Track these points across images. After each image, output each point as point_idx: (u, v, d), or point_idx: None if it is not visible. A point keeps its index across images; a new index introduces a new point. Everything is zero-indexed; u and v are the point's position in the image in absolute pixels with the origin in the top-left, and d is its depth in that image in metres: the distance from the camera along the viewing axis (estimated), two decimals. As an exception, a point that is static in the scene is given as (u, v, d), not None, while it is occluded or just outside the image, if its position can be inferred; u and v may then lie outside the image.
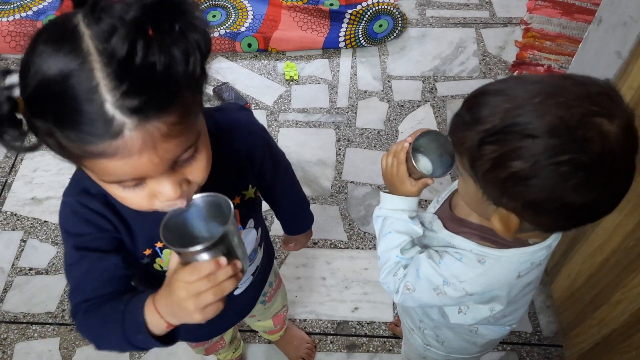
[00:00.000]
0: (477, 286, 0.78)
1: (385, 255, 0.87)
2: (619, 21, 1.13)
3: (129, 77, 0.48)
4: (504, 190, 0.64)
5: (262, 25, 2.29)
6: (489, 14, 2.39)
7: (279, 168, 0.95)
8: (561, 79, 0.63)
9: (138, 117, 0.49)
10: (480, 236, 0.78)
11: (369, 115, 2.06)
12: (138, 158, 0.52)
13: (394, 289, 0.86)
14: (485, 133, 0.62)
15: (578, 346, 1.32)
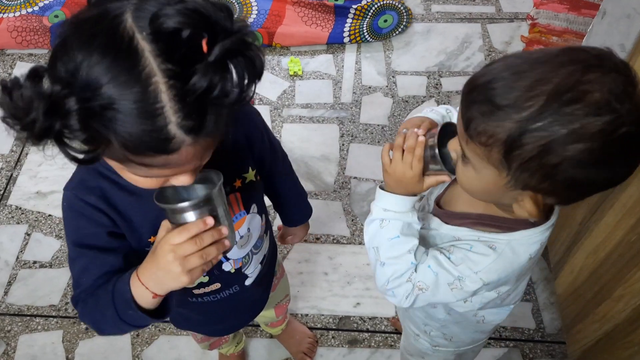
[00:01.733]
0: (493, 273, 0.75)
1: (395, 261, 0.79)
2: (622, 13, 1.12)
3: (193, 102, 0.51)
4: (549, 176, 0.60)
5: (267, 20, 2.29)
6: (495, 9, 2.37)
7: (277, 155, 0.96)
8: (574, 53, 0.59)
9: (195, 136, 0.53)
10: (483, 224, 0.77)
11: (373, 111, 2.05)
12: (185, 167, 0.59)
13: (405, 294, 0.80)
14: (526, 121, 0.57)
15: (581, 342, 1.31)
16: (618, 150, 0.58)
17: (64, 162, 0.68)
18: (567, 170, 0.59)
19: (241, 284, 0.94)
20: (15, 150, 1.98)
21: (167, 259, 0.62)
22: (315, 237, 1.73)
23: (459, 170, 0.71)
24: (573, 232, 1.34)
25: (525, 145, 0.58)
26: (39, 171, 1.92)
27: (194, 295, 0.90)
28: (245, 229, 0.86)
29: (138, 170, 0.58)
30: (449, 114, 0.88)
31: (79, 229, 0.72)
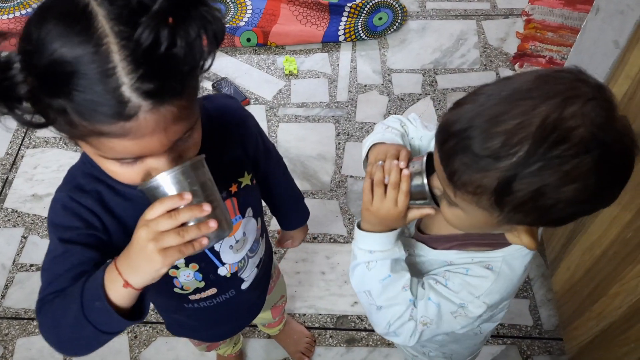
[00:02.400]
0: (496, 294, 0.72)
1: (392, 302, 0.75)
2: (616, 10, 1.12)
3: (147, 62, 0.49)
4: (544, 215, 0.59)
5: (261, 19, 2.28)
6: (489, 6, 2.36)
7: (272, 157, 0.95)
8: (548, 84, 0.56)
9: (153, 100, 0.51)
10: (473, 243, 0.74)
11: (369, 109, 2.05)
12: (149, 139, 0.54)
13: (409, 333, 0.76)
14: (513, 170, 0.55)
15: (578, 339, 1.32)
16: (611, 180, 0.57)
17: (60, 165, 0.69)
18: (563, 210, 0.57)
19: (237, 288, 0.94)
20: (11, 153, 1.98)
21: (140, 236, 0.57)
22: (312, 236, 1.73)
23: (445, 209, 0.67)
24: (569, 229, 1.34)
25: (516, 192, 0.56)
26: (34, 174, 1.92)
27: (189, 301, 0.90)
28: (240, 233, 0.86)
29: (106, 151, 0.55)
30: (404, 127, 0.85)
31: (71, 225, 0.69)
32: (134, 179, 0.61)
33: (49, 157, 1.95)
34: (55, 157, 1.95)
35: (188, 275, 0.84)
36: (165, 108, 0.52)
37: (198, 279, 0.85)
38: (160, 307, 1.02)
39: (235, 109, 0.84)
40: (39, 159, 1.95)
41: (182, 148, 0.61)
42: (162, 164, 0.59)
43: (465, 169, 0.58)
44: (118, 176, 0.61)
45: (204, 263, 0.84)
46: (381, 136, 0.81)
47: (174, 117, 0.54)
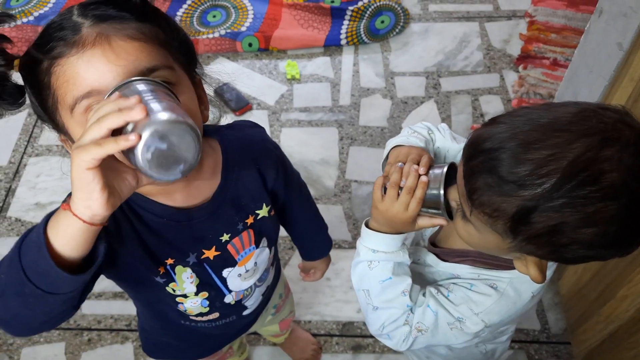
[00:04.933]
0: (495, 315, 0.71)
1: (389, 305, 0.74)
2: (619, 12, 1.11)
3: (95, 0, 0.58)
4: (557, 252, 0.58)
5: (263, 24, 2.28)
6: (492, 7, 2.36)
7: (293, 187, 0.91)
8: (590, 120, 0.54)
9: (95, 18, 0.57)
10: (483, 262, 0.73)
11: (372, 113, 2.04)
12: (91, 49, 0.55)
13: (402, 337, 0.75)
14: (536, 201, 0.54)
15: (586, 343, 1.30)
16: (635, 231, 0.55)
17: (63, 173, 0.67)
18: (577, 250, 0.57)
19: (239, 314, 0.93)
20: (14, 162, 1.98)
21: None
22: (317, 242, 1.72)
23: (459, 223, 0.66)
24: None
25: (534, 224, 0.55)
26: (37, 182, 1.92)
27: (189, 319, 0.88)
28: (252, 263, 0.84)
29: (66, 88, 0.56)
30: (431, 135, 0.84)
31: None
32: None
33: (52, 165, 1.95)
34: (58, 165, 1.95)
35: (195, 302, 0.83)
36: (107, 24, 0.56)
37: (204, 306, 0.85)
38: (149, 329, 0.99)
39: (258, 142, 0.82)
40: (42, 168, 1.96)
41: None
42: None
43: (487, 189, 0.57)
44: None
45: (213, 291, 0.83)
46: (405, 139, 0.79)
47: (120, 33, 0.56)
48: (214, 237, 0.77)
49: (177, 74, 0.61)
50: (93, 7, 0.58)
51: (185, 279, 0.78)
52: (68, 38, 0.55)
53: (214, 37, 2.23)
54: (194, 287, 0.80)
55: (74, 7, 0.59)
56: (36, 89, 0.59)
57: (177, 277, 0.77)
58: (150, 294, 0.82)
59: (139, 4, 0.60)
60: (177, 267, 0.76)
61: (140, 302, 0.91)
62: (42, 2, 2.44)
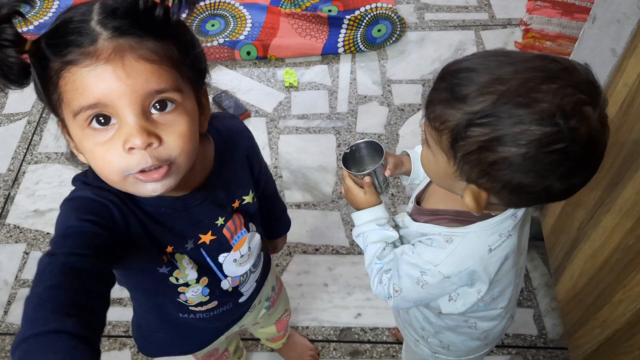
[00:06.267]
0: (450, 266, 0.77)
1: (370, 268, 0.90)
2: (612, 18, 1.12)
3: (116, 7, 0.57)
4: (486, 172, 0.63)
5: (261, 33, 2.30)
6: (488, 16, 2.38)
7: (268, 176, 0.98)
8: (545, 61, 0.61)
9: (114, 31, 0.56)
10: (449, 219, 0.79)
11: (370, 120, 2.06)
12: (104, 64, 0.56)
13: (386, 294, 0.87)
14: (474, 115, 0.60)
15: (582, 348, 1.31)
16: (550, 163, 0.60)
17: (61, 180, 0.69)
18: (501, 170, 0.61)
19: (235, 301, 0.94)
20: (13, 169, 1.98)
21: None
22: (315, 248, 1.73)
23: (423, 152, 0.75)
24: (571, 237, 1.34)
25: (468, 138, 0.61)
26: (36, 189, 1.92)
27: (187, 311, 0.90)
28: (246, 247, 0.87)
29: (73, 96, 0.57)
30: None
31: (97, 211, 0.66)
32: (116, 160, 0.59)
33: (51, 172, 1.96)
34: (57, 172, 1.96)
35: (196, 291, 0.84)
36: (125, 40, 0.56)
37: (204, 294, 0.86)
38: (145, 324, 1.00)
39: (243, 130, 0.87)
40: (41, 175, 1.96)
41: (160, 126, 0.60)
42: (132, 125, 0.57)
43: (440, 103, 0.64)
44: (102, 161, 0.60)
45: (210, 276, 0.84)
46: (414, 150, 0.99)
47: (134, 52, 0.56)
48: (209, 222, 0.80)
49: (184, 94, 0.62)
50: (115, 16, 0.57)
51: (186, 265, 0.79)
52: (84, 46, 0.56)
53: (212, 46, 2.25)
54: (195, 273, 0.81)
55: (95, 9, 0.58)
56: (43, 80, 0.60)
57: (179, 264, 0.79)
58: (152, 286, 0.83)
59: (161, 20, 0.59)
60: (176, 255, 0.78)
61: (140, 294, 0.92)
62: (42, 12, 2.45)
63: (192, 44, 0.65)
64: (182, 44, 0.62)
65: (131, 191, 0.64)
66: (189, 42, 0.64)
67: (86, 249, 0.60)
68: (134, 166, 0.60)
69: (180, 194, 0.75)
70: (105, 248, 0.64)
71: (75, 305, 0.53)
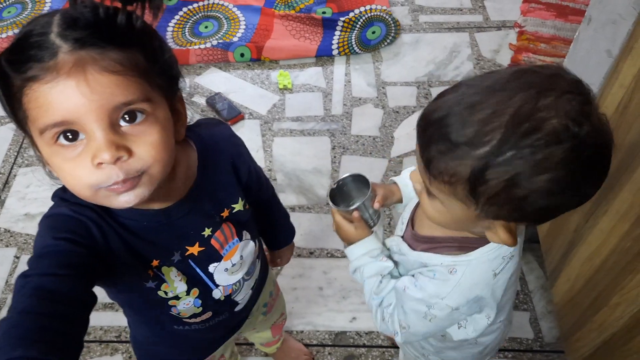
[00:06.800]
0: (458, 297, 0.75)
1: (369, 304, 0.88)
2: (608, 19, 1.12)
3: (77, 17, 0.55)
4: (518, 207, 0.59)
5: (255, 34, 2.29)
6: (482, 18, 2.38)
7: (262, 183, 0.94)
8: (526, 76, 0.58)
9: (75, 43, 0.54)
10: (448, 247, 0.76)
11: (364, 122, 2.05)
12: (66, 80, 0.53)
13: (392, 331, 0.85)
14: (486, 157, 0.55)
15: (579, 351, 1.30)
16: (584, 174, 0.57)
17: (52, 184, 0.67)
18: (536, 201, 0.58)
19: (231, 310, 0.92)
20: (3, 172, 1.96)
21: None
22: (309, 251, 1.72)
23: (426, 203, 0.69)
24: (567, 239, 1.33)
25: (489, 181, 0.57)
26: (27, 193, 1.90)
27: (182, 323, 0.88)
28: (237, 256, 0.84)
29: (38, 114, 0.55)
30: None
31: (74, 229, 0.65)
32: (86, 176, 0.57)
33: (42, 176, 1.92)
34: (49, 175, 1.93)
35: (188, 303, 0.82)
36: (86, 52, 0.54)
37: (197, 305, 0.84)
38: (142, 339, 0.98)
39: (229, 137, 0.84)
40: (32, 178, 1.94)
41: (131, 139, 0.58)
42: (99, 139, 0.55)
43: (441, 156, 0.59)
44: (71, 177, 0.59)
45: (201, 287, 0.82)
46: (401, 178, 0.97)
47: (97, 65, 0.54)
48: (195, 233, 0.77)
49: (154, 103, 0.60)
50: (75, 27, 0.55)
51: (174, 278, 0.77)
52: (44, 61, 0.53)
53: (205, 48, 2.23)
54: (185, 285, 0.79)
55: (55, 21, 0.55)
56: (7, 97, 0.58)
57: (166, 277, 0.76)
58: (142, 302, 0.82)
59: (123, 27, 0.57)
60: (163, 268, 0.76)
61: (132, 311, 0.90)
62: (34, 14, 2.43)
63: (161, 49, 0.62)
64: (149, 51, 0.60)
65: (105, 204, 0.62)
66: (157, 48, 0.62)
67: (62, 268, 0.59)
68: (104, 181, 0.58)
69: (162, 206, 0.72)
70: (83, 266, 0.62)
71: (45, 330, 0.52)
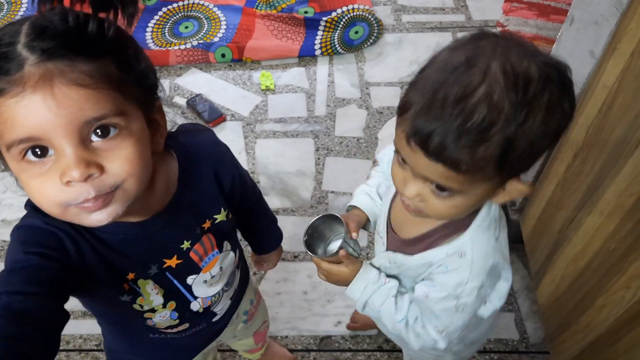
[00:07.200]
0: (478, 274, 0.74)
1: (396, 329, 0.84)
2: (590, 20, 1.11)
3: (45, 26, 0.52)
4: (535, 154, 0.61)
5: (236, 34, 2.26)
6: (464, 18, 2.37)
7: (247, 189, 0.91)
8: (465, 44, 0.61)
9: (42, 54, 0.51)
10: (444, 235, 0.76)
11: (348, 123, 2.03)
12: (31, 94, 0.50)
13: (432, 342, 0.81)
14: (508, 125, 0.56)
15: (565, 352, 1.29)
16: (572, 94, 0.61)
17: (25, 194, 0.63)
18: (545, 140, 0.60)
19: (208, 321, 0.90)
20: (-22, 178, 1.90)
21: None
22: (293, 255, 1.69)
23: (437, 205, 0.67)
24: (552, 240, 1.33)
25: (517, 147, 0.58)
26: (3, 199, 1.85)
27: (157, 332, 0.85)
28: (217, 268, 0.82)
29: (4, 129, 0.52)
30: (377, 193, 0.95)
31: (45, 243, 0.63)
32: (53, 193, 0.55)
33: (19, 180, 1.89)
34: (25, 180, 1.88)
35: (164, 316, 0.80)
36: (53, 64, 0.51)
37: (173, 318, 0.81)
38: (115, 348, 0.95)
39: (211, 145, 0.80)
40: (8, 184, 1.88)
41: (102, 154, 0.55)
42: (69, 156, 0.52)
43: (469, 150, 0.58)
44: (38, 194, 0.56)
45: (179, 300, 0.80)
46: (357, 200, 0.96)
47: (64, 77, 0.51)
48: (174, 246, 0.74)
49: (127, 117, 0.56)
50: (43, 37, 0.51)
51: (150, 291, 0.75)
52: (10, 73, 0.50)
53: (186, 48, 2.19)
54: (161, 298, 0.77)
55: (23, 30, 0.52)
56: None
57: (142, 290, 0.74)
58: (116, 314, 0.79)
59: (95, 36, 0.53)
60: (139, 281, 0.73)
61: (106, 321, 0.87)
62: (10, 15, 2.37)
63: (137, 58, 0.59)
64: (123, 60, 0.56)
65: (75, 222, 0.59)
66: (132, 57, 0.58)
67: (33, 285, 0.57)
68: (74, 198, 0.55)
69: (140, 219, 0.69)
70: (55, 281, 0.59)
71: (12, 355, 0.51)
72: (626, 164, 1.00)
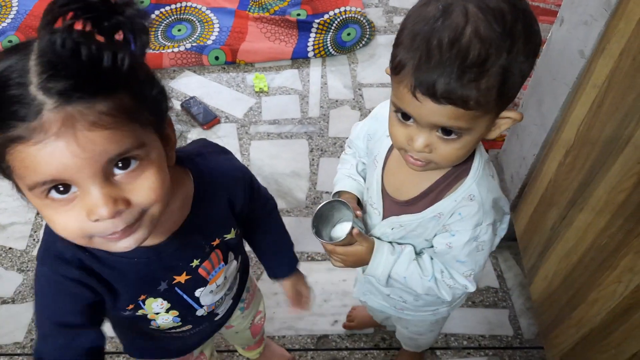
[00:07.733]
0: (489, 212, 0.79)
1: (429, 290, 0.87)
2: (580, 20, 1.13)
3: (57, 63, 0.49)
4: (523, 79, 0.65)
5: (229, 37, 2.27)
6: (455, 19, 2.40)
7: (259, 202, 0.90)
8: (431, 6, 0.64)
9: (59, 98, 0.48)
10: (448, 185, 0.79)
11: (342, 124, 2.05)
12: (55, 141, 0.48)
13: (462, 289, 0.86)
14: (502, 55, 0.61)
15: (559, 347, 1.31)
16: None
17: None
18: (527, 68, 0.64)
19: (211, 321, 0.93)
20: (-28, 182, 1.90)
21: None
22: (289, 255, 1.70)
23: (444, 151, 0.70)
24: (545, 237, 1.35)
25: (514, 74, 0.63)
26: (-3, 202, 1.85)
27: (162, 332, 0.87)
28: (222, 278, 0.84)
29: (25, 173, 0.51)
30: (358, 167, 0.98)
31: (60, 307, 0.67)
32: (79, 228, 0.55)
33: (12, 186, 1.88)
34: (20, 184, 1.88)
35: (166, 319, 0.82)
36: (73, 107, 0.48)
37: (176, 321, 0.83)
38: (124, 335, 0.97)
39: (229, 171, 0.80)
40: (2, 188, 1.87)
41: (127, 188, 0.54)
42: (95, 197, 0.52)
43: (474, 84, 0.61)
44: (63, 229, 0.56)
45: (184, 310, 0.82)
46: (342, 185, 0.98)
47: (85, 119, 0.49)
48: (184, 264, 0.76)
49: (147, 146, 0.56)
50: (57, 77, 0.48)
51: (154, 307, 0.77)
52: (28, 120, 0.48)
53: (179, 51, 2.20)
54: (164, 311, 0.79)
55: (32, 68, 0.48)
56: None
57: (146, 306, 0.76)
58: (118, 319, 0.82)
59: (109, 71, 0.51)
60: (147, 300, 0.75)
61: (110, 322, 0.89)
62: (0, 18, 2.36)
63: (150, 84, 0.57)
64: (137, 89, 0.54)
65: (100, 248, 0.59)
66: (146, 83, 0.56)
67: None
68: (101, 232, 0.55)
69: (153, 243, 0.70)
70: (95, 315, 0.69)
71: None
72: (616, 162, 1.02)
